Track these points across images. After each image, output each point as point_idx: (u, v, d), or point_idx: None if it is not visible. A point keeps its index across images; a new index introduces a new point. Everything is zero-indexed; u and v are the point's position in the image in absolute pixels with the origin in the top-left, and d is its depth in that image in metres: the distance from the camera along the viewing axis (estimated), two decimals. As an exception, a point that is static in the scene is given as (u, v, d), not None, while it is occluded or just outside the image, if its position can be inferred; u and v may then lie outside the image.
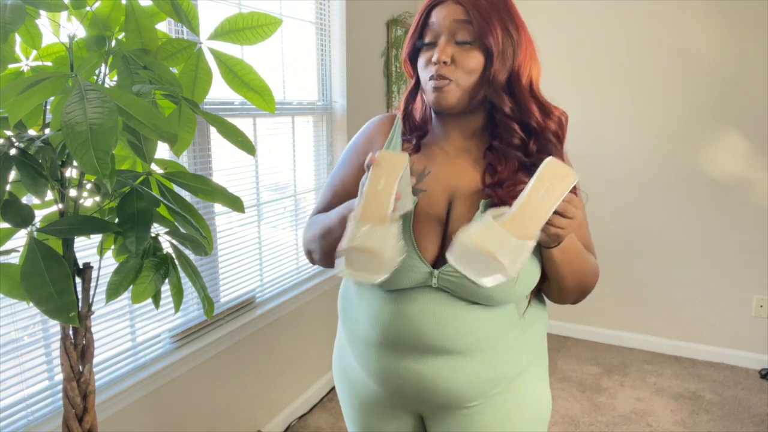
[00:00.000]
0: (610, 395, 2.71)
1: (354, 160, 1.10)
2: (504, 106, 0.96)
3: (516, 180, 0.96)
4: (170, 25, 1.71)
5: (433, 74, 0.95)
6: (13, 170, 0.85)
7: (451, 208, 0.99)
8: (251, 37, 1.07)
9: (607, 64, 3.09)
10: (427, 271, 0.96)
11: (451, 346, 0.97)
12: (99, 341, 1.61)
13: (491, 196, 0.96)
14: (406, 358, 1.00)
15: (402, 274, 0.95)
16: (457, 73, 0.94)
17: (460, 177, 1.01)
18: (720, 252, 3.00)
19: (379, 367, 1.04)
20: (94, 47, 1.00)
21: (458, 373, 0.99)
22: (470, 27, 0.93)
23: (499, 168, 0.98)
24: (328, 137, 2.64)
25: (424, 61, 0.98)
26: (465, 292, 0.95)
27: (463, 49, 0.94)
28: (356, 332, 1.08)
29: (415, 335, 0.98)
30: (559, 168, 0.85)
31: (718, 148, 2.94)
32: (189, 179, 1.07)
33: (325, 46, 2.57)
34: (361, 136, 1.12)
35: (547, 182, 0.84)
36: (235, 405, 2.14)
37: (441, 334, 0.97)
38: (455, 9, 0.94)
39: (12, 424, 1.40)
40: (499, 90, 0.95)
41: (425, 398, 1.02)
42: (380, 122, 1.12)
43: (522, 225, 0.82)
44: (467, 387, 1.00)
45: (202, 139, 1.90)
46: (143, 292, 1.04)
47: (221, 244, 2.06)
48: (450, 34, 0.94)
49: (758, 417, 2.56)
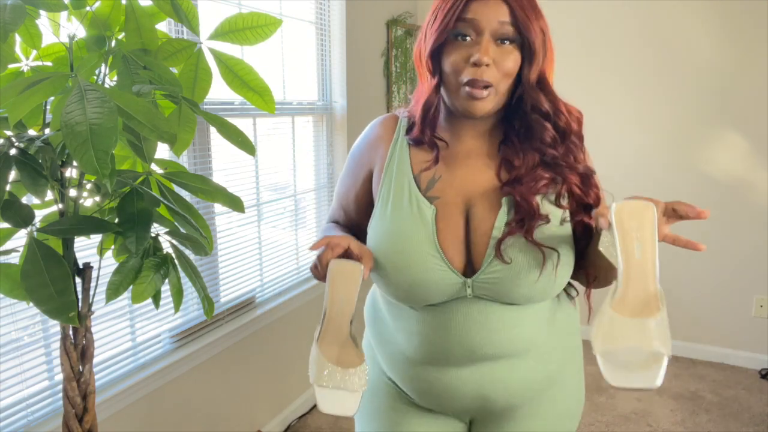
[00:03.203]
0: (610, 395, 2.71)
1: (357, 171, 1.06)
2: (542, 105, 0.91)
3: (536, 175, 0.92)
4: (170, 25, 1.71)
5: (471, 79, 0.87)
6: (13, 170, 0.85)
7: (469, 212, 0.95)
8: (251, 38, 1.07)
9: (607, 65, 3.09)
10: (460, 282, 0.92)
11: (503, 351, 0.95)
12: (99, 341, 1.61)
13: (511, 194, 0.92)
14: (458, 368, 0.97)
15: (435, 289, 0.92)
16: (496, 76, 0.88)
17: (475, 177, 0.96)
18: (720, 252, 2.99)
19: (428, 386, 1.00)
20: (94, 47, 1.00)
21: (514, 373, 0.97)
22: (511, 27, 0.87)
23: (516, 162, 0.93)
24: (328, 137, 2.64)
25: (456, 61, 0.89)
26: (502, 295, 0.92)
27: (503, 49, 0.88)
28: (395, 352, 1.03)
29: (466, 347, 0.94)
30: (631, 208, 0.74)
31: (718, 148, 2.94)
32: (189, 179, 1.07)
33: (325, 46, 2.57)
34: (363, 141, 1.07)
35: (632, 232, 0.73)
36: (235, 405, 2.14)
37: (491, 341, 0.94)
38: (499, 6, 0.87)
39: (12, 424, 1.40)
40: (536, 89, 0.91)
41: (482, 405, 1.00)
42: (382, 125, 1.06)
43: (640, 298, 0.71)
44: (525, 386, 0.99)
45: (202, 139, 1.90)
46: (143, 292, 1.04)
47: (221, 244, 2.06)
48: (492, 34, 0.87)
49: (758, 417, 2.56)
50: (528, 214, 0.90)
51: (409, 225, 0.93)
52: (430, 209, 0.94)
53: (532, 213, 0.90)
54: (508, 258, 0.90)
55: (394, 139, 1.02)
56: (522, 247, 0.90)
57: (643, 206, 0.74)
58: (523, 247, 0.90)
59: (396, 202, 0.96)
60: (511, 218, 0.92)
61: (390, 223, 0.95)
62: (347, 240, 0.90)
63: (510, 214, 0.92)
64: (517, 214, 0.91)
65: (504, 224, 0.92)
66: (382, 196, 0.98)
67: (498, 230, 0.92)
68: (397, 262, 0.93)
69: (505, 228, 0.91)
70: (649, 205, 0.74)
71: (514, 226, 0.90)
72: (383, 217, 0.96)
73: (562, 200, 0.94)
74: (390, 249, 0.94)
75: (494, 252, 0.90)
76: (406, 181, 0.97)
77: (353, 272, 0.87)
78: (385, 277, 0.95)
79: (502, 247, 0.90)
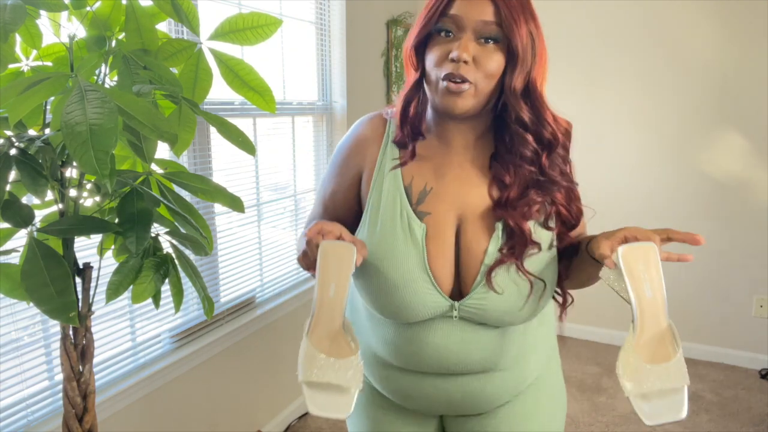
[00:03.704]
0: (610, 395, 2.71)
1: (343, 171, 1.02)
2: (524, 114, 0.88)
3: (528, 200, 0.89)
4: (170, 25, 1.71)
5: (448, 73, 0.85)
6: (13, 170, 0.85)
7: (460, 227, 0.92)
8: (251, 38, 1.07)
9: (606, 65, 3.09)
10: (447, 304, 0.91)
11: (479, 368, 0.95)
12: (99, 341, 1.61)
13: (504, 218, 0.90)
14: (432, 377, 0.96)
15: (422, 310, 0.91)
16: (476, 74, 0.85)
17: (467, 192, 0.93)
18: (720, 252, 2.99)
19: (399, 387, 1.00)
20: (94, 47, 1.00)
21: (488, 384, 0.97)
22: (496, 27, 0.85)
23: (507, 180, 0.90)
24: (328, 137, 2.64)
25: (436, 56, 0.87)
26: (487, 319, 0.91)
27: (486, 48, 0.85)
28: (368, 352, 1.02)
29: (441, 363, 0.94)
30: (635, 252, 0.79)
31: (718, 148, 2.94)
32: (189, 179, 1.07)
33: (325, 46, 2.57)
34: (350, 140, 1.03)
35: (641, 274, 0.78)
36: (235, 405, 2.14)
37: (468, 361, 0.94)
38: (484, 4, 0.84)
39: (12, 424, 1.40)
40: (518, 97, 0.87)
41: (455, 409, 1.00)
42: (370, 124, 1.01)
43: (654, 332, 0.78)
44: (499, 393, 0.99)
45: (202, 139, 1.90)
46: (143, 292, 1.04)
47: (221, 244, 2.06)
48: (474, 32, 0.85)
49: (758, 417, 2.56)
50: (521, 241, 0.88)
51: (399, 247, 0.91)
52: (420, 228, 0.91)
53: (525, 241, 0.88)
54: (498, 288, 0.89)
55: (383, 143, 0.98)
56: (512, 275, 0.89)
57: (647, 249, 0.79)
58: (512, 275, 0.89)
59: (385, 219, 0.92)
60: (503, 244, 0.90)
61: (379, 241, 0.92)
62: (339, 228, 0.85)
63: (503, 239, 0.90)
64: (510, 240, 0.89)
65: (496, 250, 0.90)
66: (371, 206, 0.95)
67: (490, 257, 0.90)
68: (385, 284, 0.91)
69: (497, 255, 0.90)
70: (651, 247, 0.79)
71: (506, 254, 0.89)
72: (372, 233, 0.93)
73: (551, 222, 0.93)
74: (379, 271, 0.91)
75: (484, 278, 0.89)
76: (398, 194, 0.93)
77: (346, 254, 0.81)
78: (371, 295, 0.94)
79: (492, 275, 0.89)
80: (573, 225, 0.94)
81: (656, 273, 0.78)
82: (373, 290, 0.93)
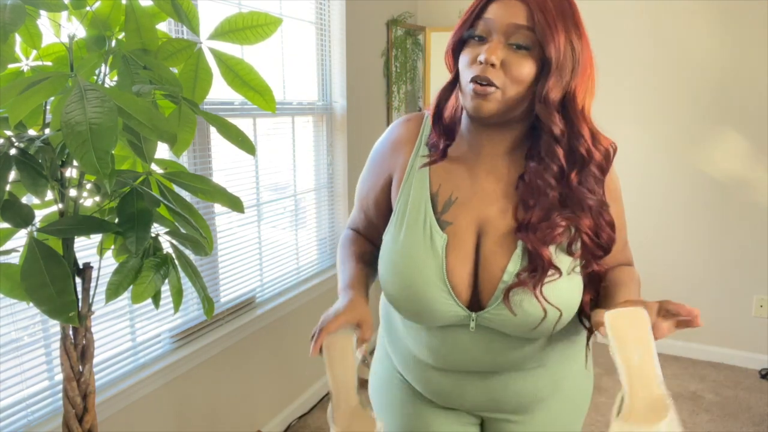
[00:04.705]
0: (610, 395, 2.71)
1: (377, 172, 1.04)
2: (555, 127, 0.86)
3: (552, 222, 0.87)
4: (170, 25, 1.71)
5: (475, 75, 0.84)
6: (13, 170, 0.85)
7: (481, 239, 0.92)
8: (251, 37, 1.07)
9: (606, 65, 3.09)
10: (465, 314, 0.92)
11: (511, 367, 0.97)
12: (99, 341, 1.61)
13: (524, 240, 0.88)
14: (469, 376, 0.99)
15: (440, 318, 0.92)
16: (504, 79, 0.83)
17: (491, 206, 0.92)
18: (720, 252, 2.99)
19: (438, 387, 1.02)
20: (94, 47, 1.00)
21: (527, 380, 0.99)
22: (529, 32, 0.82)
23: (531, 202, 0.89)
24: (328, 137, 2.64)
25: (468, 59, 0.87)
26: (505, 330, 0.92)
27: (517, 54, 0.83)
28: (406, 354, 1.04)
29: (475, 363, 0.97)
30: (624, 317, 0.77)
31: (718, 148, 2.94)
32: (189, 179, 1.07)
33: (325, 46, 2.57)
34: (385, 142, 1.04)
35: (630, 340, 0.75)
36: (235, 405, 2.14)
37: (498, 361, 0.96)
38: (517, 9, 0.83)
39: (12, 424, 1.40)
40: (551, 108, 0.85)
41: (493, 406, 1.02)
42: (405, 125, 1.02)
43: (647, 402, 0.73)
44: (535, 390, 1.00)
45: (202, 139, 1.90)
46: (143, 292, 1.04)
47: (221, 244, 2.06)
48: (504, 36, 0.83)
49: (758, 417, 2.56)
50: (540, 266, 0.87)
51: (420, 254, 0.91)
52: (441, 238, 0.91)
53: (544, 266, 0.87)
54: (515, 308, 0.88)
55: (417, 143, 0.99)
56: (529, 297, 0.88)
57: (635, 313, 0.77)
58: (530, 298, 0.88)
59: (410, 224, 0.93)
60: (522, 267, 0.89)
61: (401, 248, 0.93)
62: (343, 315, 0.89)
63: (523, 261, 0.89)
64: (529, 263, 0.88)
65: (516, 271, 0.89)
66: (399, 210, 0.96)
67: (509, 276, 0.89)
68: (405, 291, 0.93)
69: (515, 278, 0.89)
70: (641, 311, 0.77)
71: (524, 278, 0.87)
72: (396, 239, 0.94)
73: (575, 246, 0.91)
74: (398, 278, 0.93)
75: (502, 296, 0.89)
76: (423, 201, 0.94)
77: (346, 345, 0.87)
78: (395, 300, 0.96)
79: (511, 294, 0.88)
80: (600, 254, 0.92)
81: (646, 338, 0.75)
82: (396, 295, 0.95)
